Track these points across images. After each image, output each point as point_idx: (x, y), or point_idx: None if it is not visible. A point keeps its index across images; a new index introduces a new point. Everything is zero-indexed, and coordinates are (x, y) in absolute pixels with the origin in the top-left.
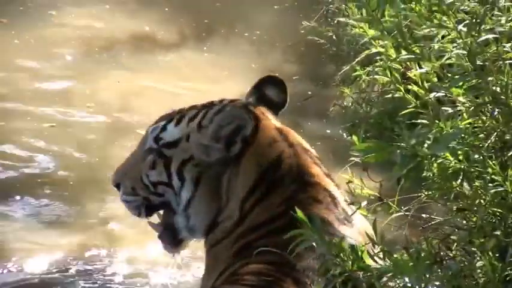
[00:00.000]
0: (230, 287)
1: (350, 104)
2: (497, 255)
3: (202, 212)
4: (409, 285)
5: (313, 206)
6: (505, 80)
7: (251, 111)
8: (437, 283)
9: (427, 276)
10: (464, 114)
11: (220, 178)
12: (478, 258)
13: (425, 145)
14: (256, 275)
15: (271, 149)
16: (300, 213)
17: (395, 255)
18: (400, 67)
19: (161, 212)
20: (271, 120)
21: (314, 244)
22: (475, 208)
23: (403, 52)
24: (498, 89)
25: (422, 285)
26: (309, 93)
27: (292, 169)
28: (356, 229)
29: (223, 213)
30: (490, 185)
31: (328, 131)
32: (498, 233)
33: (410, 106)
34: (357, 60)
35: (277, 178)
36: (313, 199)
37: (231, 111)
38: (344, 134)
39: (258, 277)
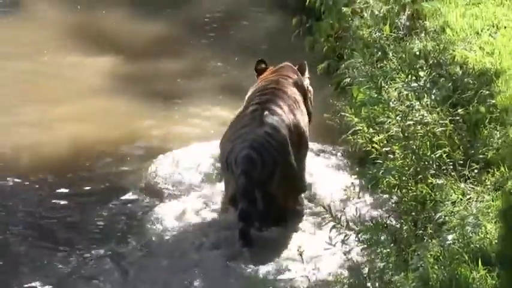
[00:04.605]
0: None
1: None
2: (412, 224)
3: None
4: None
5: None
6: (418, 143)
7: None
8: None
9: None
10: (399, 158)
11: None
12: (404, 225)
13: (381, 172)
14: None
15: None
16: None
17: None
18: (369, 136)
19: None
20: None
21: None
22: (403, 201)
23: (371, 129)
24: (415, 147)
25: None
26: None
27: None
28: None
29: None
30: (410, 191)
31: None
32: (413, 213)
33: (374, 154)
34: (349, 132)
35: None
36: None
37: None
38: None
39: None
